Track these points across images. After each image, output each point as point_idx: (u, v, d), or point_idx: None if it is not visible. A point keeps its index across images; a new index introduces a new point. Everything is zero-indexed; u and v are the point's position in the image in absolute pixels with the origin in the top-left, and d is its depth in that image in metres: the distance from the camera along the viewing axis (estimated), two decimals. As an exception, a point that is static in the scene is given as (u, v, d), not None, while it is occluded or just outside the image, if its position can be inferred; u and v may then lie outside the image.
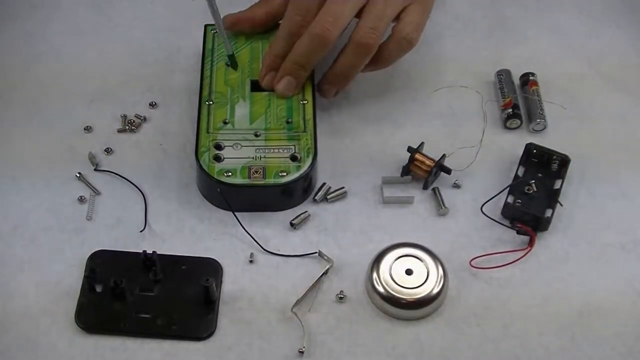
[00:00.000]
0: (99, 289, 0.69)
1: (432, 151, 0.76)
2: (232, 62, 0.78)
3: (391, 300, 0.68)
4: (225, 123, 0.75)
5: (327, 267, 0.71)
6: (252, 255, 0.72)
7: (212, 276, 0.68)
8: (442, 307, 0.69)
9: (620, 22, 0.88)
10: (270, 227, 0.73)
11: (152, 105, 0.81)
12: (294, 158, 0.73)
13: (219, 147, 0.74)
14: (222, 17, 0.76)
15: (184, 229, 0.73)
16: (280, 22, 0.78)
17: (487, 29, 0.87)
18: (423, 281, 0.69)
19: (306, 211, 0.74)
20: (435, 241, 0.72)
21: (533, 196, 0.73)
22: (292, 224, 0.73)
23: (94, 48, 0.85)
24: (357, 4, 0.75)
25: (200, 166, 0.73)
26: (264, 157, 0.73)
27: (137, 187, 0.75)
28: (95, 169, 0.76)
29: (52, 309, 0.68)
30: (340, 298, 0.69)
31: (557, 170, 0.75)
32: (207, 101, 0.77)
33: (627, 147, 0.79)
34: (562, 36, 0.87)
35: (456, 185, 0.76)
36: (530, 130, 0.79)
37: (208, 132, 0.75)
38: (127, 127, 0.79)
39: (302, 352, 0.67)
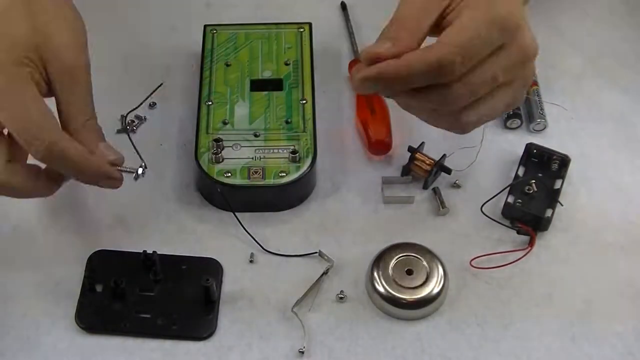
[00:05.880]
0: (99, 289, 0.69)
1: (432, 151, 0.76)
2: None
3: (391, 300, 0.68)
4: (224, 123, 0.75)
5: (327, 267, 0.71)
6: (252, 255, 0.72)
7: (212, 276, 0.68)
8: (442, 307, 0.69)
9: (619, 21, 0.88)
10: (270, 227, 0.73)
11: (152, 105, 0.81)
12: (293, 158, 0.73)
13: (218, 145, 0.73)
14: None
15: (184, 229, 0.73)
16: None
17: (487, 28, 0.87)
18: (423, 281, 0.69)
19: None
20: (435, 241, 0.72)
21: (533, 196, 0.73)
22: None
23: (93, 48, 0.85)
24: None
25: (199, 167, 0.73)
26: (264, 158, 0.73)
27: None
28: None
29: (52, 309, 0.68)
30: (341, 298, 0.69)
31: (557, 170, 0.75)
32: (206, 101, 0.77)
33: (627, 147, 0.79)
34: (562, 36, 0.87)
35: (456, 185, 0.76)
36: (530, 130, 0.79)
37: (207, 133, 0.75)
38: (126, 128, 0.79)
39: (302, 352, 0.67)
